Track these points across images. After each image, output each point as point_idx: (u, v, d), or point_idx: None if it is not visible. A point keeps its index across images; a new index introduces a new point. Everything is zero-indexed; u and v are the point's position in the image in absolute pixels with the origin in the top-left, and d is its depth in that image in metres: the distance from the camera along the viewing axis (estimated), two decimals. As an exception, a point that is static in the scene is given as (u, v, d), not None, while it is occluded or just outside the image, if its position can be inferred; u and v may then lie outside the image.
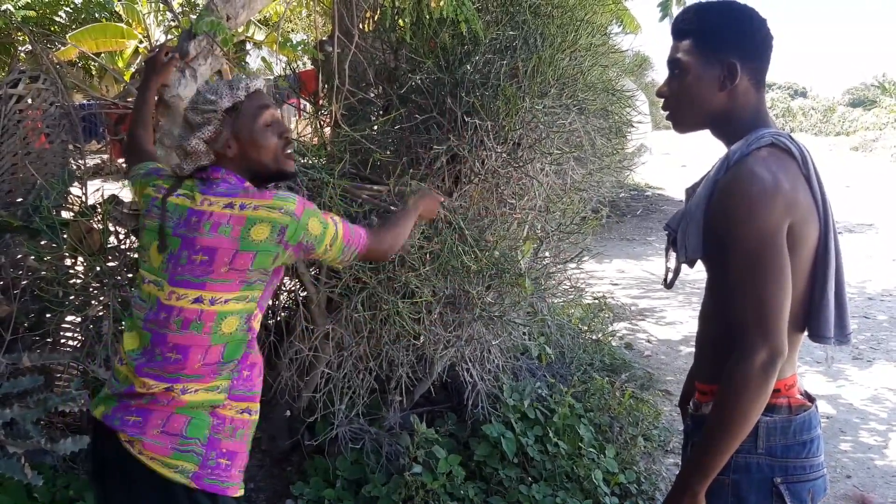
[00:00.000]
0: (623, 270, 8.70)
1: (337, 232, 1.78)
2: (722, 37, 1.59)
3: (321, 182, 2.57)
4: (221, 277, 1.67)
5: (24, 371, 2.62)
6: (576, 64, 3.10)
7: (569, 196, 3.34)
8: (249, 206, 1.67)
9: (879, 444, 4.24)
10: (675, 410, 4.62)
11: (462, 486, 3.13)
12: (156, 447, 1.65)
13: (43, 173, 3.14)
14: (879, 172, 18.90)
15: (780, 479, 1.54)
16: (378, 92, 3.28)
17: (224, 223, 1.66)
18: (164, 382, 1.67)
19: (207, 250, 1.67)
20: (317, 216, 1.74)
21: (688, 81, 1.63)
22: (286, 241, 1.69)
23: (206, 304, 1.68)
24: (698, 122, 1.68)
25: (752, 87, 1.61)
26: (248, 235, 1.66)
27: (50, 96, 3.24)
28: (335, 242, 1.78)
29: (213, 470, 1.68)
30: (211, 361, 1.70)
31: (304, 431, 3.24)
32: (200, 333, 1.68)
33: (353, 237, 1.83)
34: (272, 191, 1.74)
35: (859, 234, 10.97)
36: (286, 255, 1.72)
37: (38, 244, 2.93)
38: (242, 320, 1.73)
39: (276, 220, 1.67)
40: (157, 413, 1.67)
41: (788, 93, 37.37)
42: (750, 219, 1.46)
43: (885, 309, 7.05)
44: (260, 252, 1.67)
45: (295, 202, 1.70)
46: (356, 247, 1.84)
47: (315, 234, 1.73)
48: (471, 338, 3.03)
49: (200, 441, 1.67)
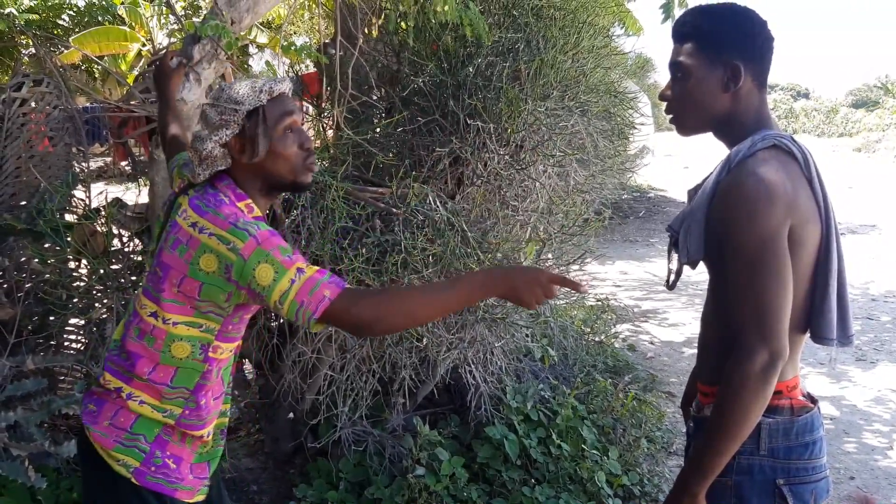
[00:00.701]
0: (626, 272, 8.70)
1: (292, 287, 1.48)
2: (724, 39, 1.59)
3: (324, 185, 2.58)
4: (173, 297, 1.58)
5: (27, 374, 2.63)
6: (578, 66, 3.11)
7: (571, 198, 3.34)
8: (206, 231, 1.53)
9: (883, 445, 4.23)
10: (678, 412, 4.62)
11: (465, 488, 3.13)
12: (102, 438, 1.63)
13: (46, 176, 3.15)
14: (882, 173, 18.88)
15: (783, 481, 1.54)
16: (380, 95, 3.29)
17: (183, 243, 1.56)
18: (118, 381, 1.64)
19: (164, 266, 1.59)
20: (270, 262, 1.48)
21: (691, 84, 1.62)
22: (236, 281, 1.51)
23: (159, 322, 1.60)
24: (702, 125, 1.67)
25: (755, 89, 1.61)
26: (197, 262, 1.53)
27: (53, 99, 3.25)
28: (286, 298, 1.49)
29: (159, 468, 1.64)
30: (158, 380, 1.62)
31: (308, 434, 3.24)
32: (151, 348, 1.62)
33: (312, 298, 1.48)
34: (239, 215, 1.55)
35: (862, 235, 10.95)
36: (243, 297, 1.55)
37: (42, 247, 2.94)
38: (197, 349, 1.62)
39: (223, 254, 1.50)
40: (110, 405, 1.65)
41: (791, 94, 37.33)
42: (750, 221, 1.46)
43: (888, 310, 7.04)
44: (207, 284, 1.54)
45: (247, 240, 1.49)
46: (313, 310, 1.48)
47: (262, 284, 1.49)
48: (474, 340, 3.03)
49: (146, 438, 1.63)
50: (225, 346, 1.69)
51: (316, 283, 1.49)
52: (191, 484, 1.71)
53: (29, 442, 2.43)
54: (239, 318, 1.67)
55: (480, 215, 2.94)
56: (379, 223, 2.69)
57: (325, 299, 1.49)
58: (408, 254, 2.62)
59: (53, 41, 6.64)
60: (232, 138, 1.61)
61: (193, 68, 2.42)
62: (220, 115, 1.60)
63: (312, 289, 1.49)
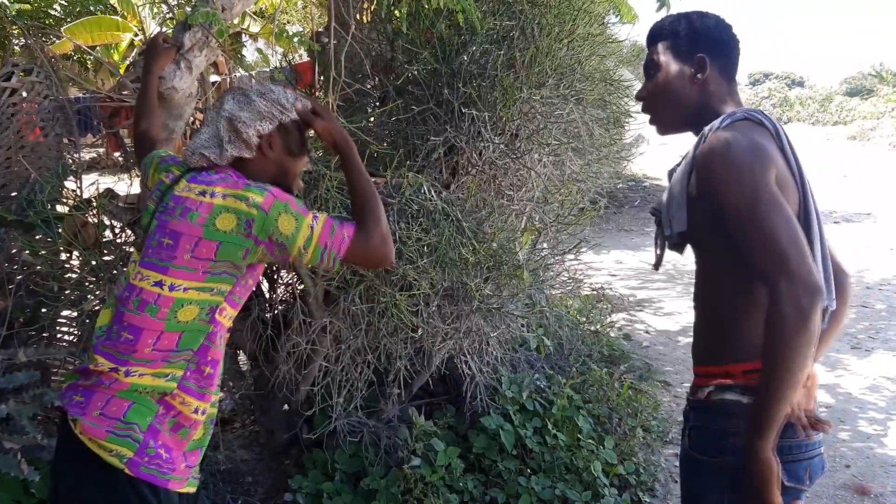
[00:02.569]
0: (621, 261, 8.70)
1: (313, 232, 1.64)
2: (691, 36, 1.72)
3: (317, 174, 2.56)
4: (184, 264, 1.63)
5: (19, 366, 2.60)
6: (573, 54, 3.09)
7: (567, 187, 3.33)
8: (219, 195, 1.63)
9: (878, 433, 4.24)
10: (673, 401, 4.63)
11: (461, 478, 3.13)
12: (92, 429, 1.60)
13: (37, 167, 3.12)
14: (877, 162, 18.89)
15: (779, 460, 1.52)
16: (374, 83, 3.26)
17: (194, 209, 1.63)
18: (111, 362, 1.64)
19: (173, 234, 1.64)
20: (290, 212, 1.63)
21: (662, 78, 1.75)
22: (255, 236, 1.62)
23: (164, 290, 1.64)
24: (677, 120, 1.77)
25: (723, 82, 1.72)
26: (213, 223, 1.61)
27: (44, 89, 3.21)
28: (310, 244, 1.64)
29: (152, 459, 1.62)
30: (163, 348, 1.65)
31: (303, 425, 3.24)
32: (154, 318, 1.64)
33: (334, 238, 1.66)
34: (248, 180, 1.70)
35: (857, 223, 10.98)
36: (260, 252, 1.65)
37: (33, 238, 2.91)
38: (204, 311, 1.67)
39: (242, 211, 1.61)
40: (100, 394, 1.63)
41: (786, 82, 37.27)
42: (739, 181, 1.50)
43: (883, 298, 7.06)
44: (225, 243, 1.62)
45: (264, 194, 1.63)
46: (336, 250, 1.66)
47: (286, 234, 1.62)
48: (469, 330, 3.02)
49: (140, 427, 1.62)
50: (229, 311, 1.74)
51: (332, 226, 1.66)
52: (182, 473, 1.69)
53: (21, 435, 2.41)
54: (246, 281, 1.75)
55: (475, 205, 2.93)
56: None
57: (345, 238, 1.66)
58: (402, 244, 2.60)
59: (45, 31, 6.58)
60: (268, 133, 1.75)
61: (185, 56, 2.39)
62: (269, 109, 1.76)
63: (332, 231, 1.65)
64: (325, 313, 2.91)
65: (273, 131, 1.76)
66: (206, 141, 1.76)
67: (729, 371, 1.58)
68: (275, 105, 1.76)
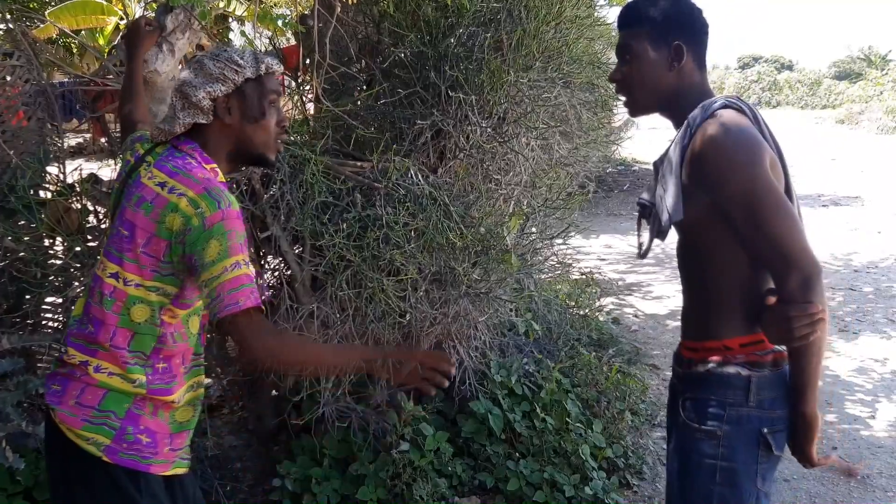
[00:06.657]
0: (610, 246, 8.70)
1: (221, 275, 1.49)
2: (668, 22, 1.72)
3: (303, 159, 2.53)
4: (136, 258, 1.59)
5: (3, 354, 2.58)
6: (561, 36, 3.06)
7: (555, 171, 3.32)
8: (176, 192, 1.55)
9: (865, 415, 4.27)
10: (661, 384, 4.64)
11: (450, 462, 3.13)
12: (69, 418, 1.60)
13: (19, 152, 3.08)
14: (865, 145, 18.96)
15: (767, 430, 1.63)
16: (360, 66, 3.23)
17: (148, 200, 1.58)
18: (83, 354, 1.62)
19: (129, 225, 1.59)
20: (223, 242, 1.51)
21: (638, 64, 1.75)
22: (184, 243, 1.53)
23: (119, 283, 1.60)
24: (651, 104, 1.80)
25: (696, 69, 1.74)
26: (164, 220, 1.55)
27: (24, 73, 3.17)
28: (213, 282, 1.50)
29: (131, 445, 1.61)
30: (118, 345, 1.61)
31: (291, 410, 3.22)
32: (110, 311, 1.60)
33: (228, 296, 1.49)
34: (214, 183, 1.59)
35: (845, 206, 11.02)
36: (177, 260, 1.58)
37: (15, 224, 2.88)
38: (156, 313, 1.62)
39: (189, 216, 1.52)
40: (75, 384, 1.62)
41: (775, 66, 37.36)
42: (733, 170, 1.55)
43: (870, 281, 7.09)
44: (173, 244, 1.56)
45: (215, 210, 1.52)
46: (220, 308, 1.49)
47: (205, 258, 1.51)
48: (457, 315, 3.01)
49: (116, 414, 1.60)
50: (179, 312, 1.68)
51: (240, 285, 1.51)
52: (165, 457, 1.68)
53: (6, 422, 2.39)
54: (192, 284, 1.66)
55: (463, 189, 2.91)
56: (360, 198, 2.65)
57: (235, 304, 1.50)
58: (389, 229, 2.59)
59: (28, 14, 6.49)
60: (223, 95, 1.65)
61: (167, 38, 2.36)
62: (221, 70, 1.64)
63: (233, 288, 1.50)
64: (313, 298, 2.89)
65: (229, 94, 1.65)
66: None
67: (727, 345, 1.66)
68: (228, 65, 1.64)
